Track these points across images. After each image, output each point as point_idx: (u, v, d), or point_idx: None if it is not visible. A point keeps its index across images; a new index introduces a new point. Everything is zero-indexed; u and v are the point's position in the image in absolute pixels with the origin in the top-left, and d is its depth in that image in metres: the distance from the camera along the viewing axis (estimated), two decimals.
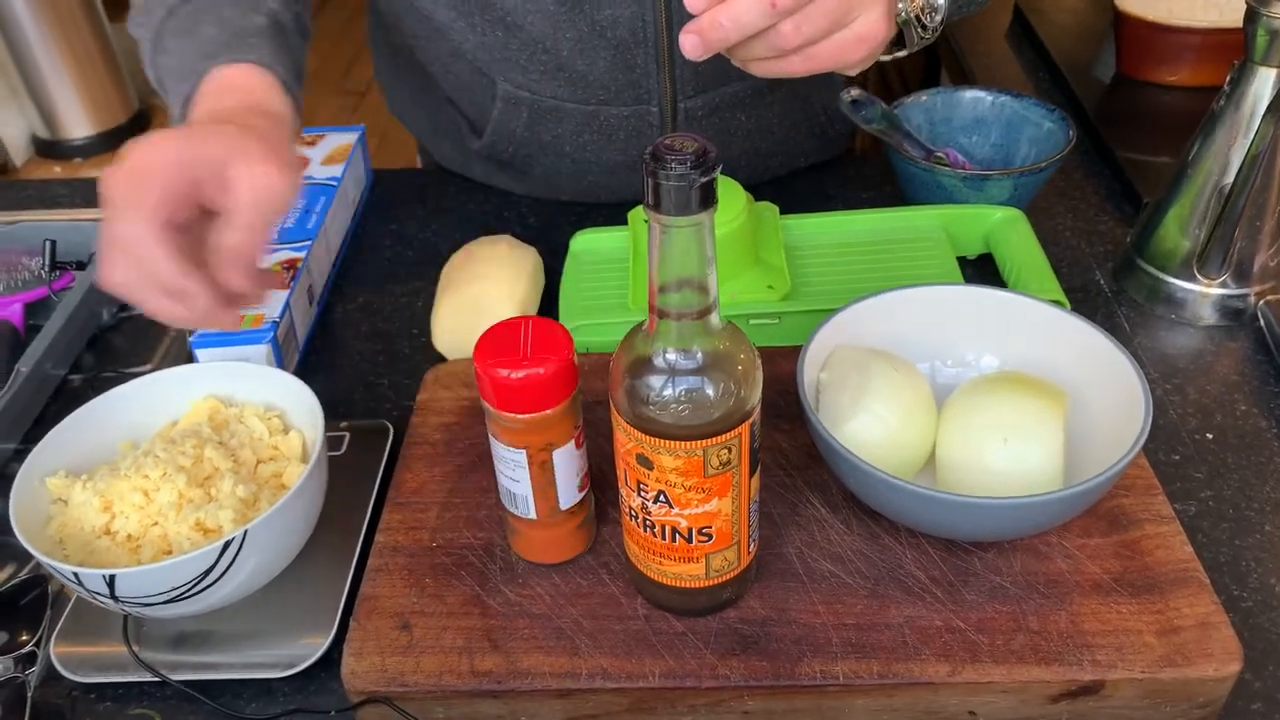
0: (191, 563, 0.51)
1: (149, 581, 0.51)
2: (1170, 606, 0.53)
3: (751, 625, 0.53)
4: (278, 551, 0.56)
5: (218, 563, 0.52)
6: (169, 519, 0.56)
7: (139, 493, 0.56)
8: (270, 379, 0.63)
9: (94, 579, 0.51)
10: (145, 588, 0.52)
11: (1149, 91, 1.07)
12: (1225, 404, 0.69)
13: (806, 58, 0.58)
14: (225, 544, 0.52)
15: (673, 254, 0.43)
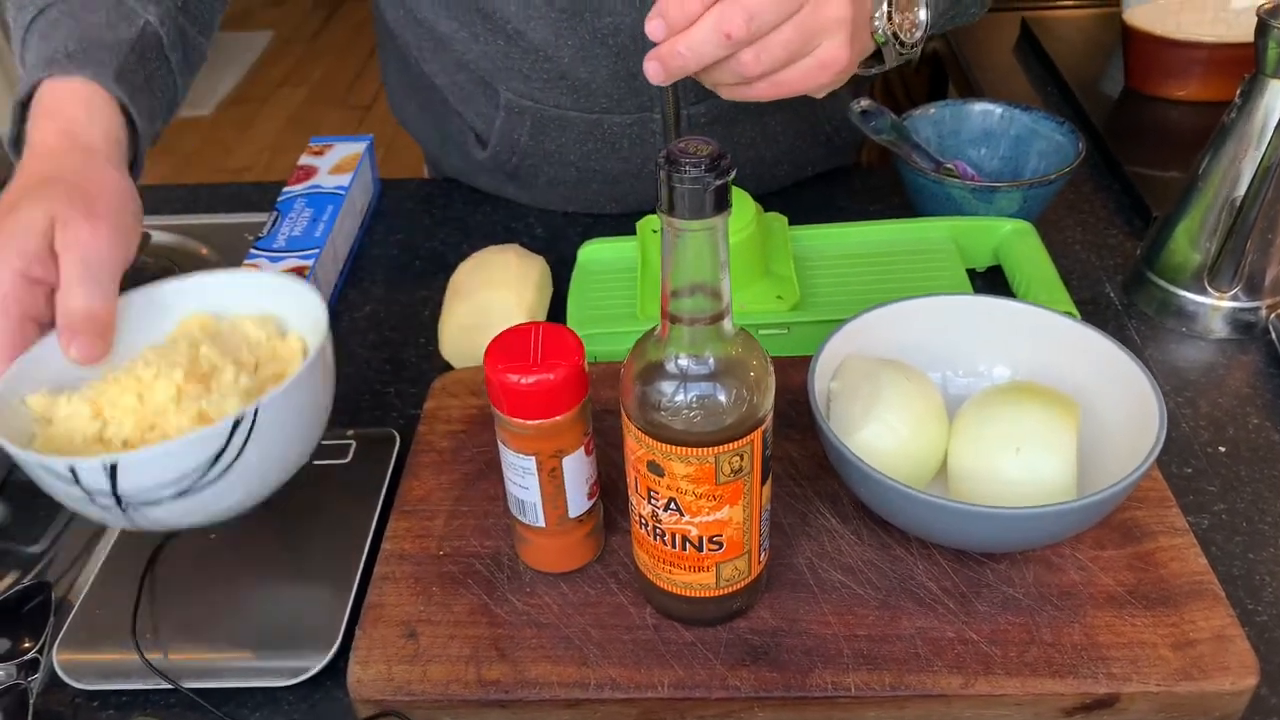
0: (201, 443, 0.47)
1: (155, 468, 0.47)
2: (1185, 619, 0.52)
3: (762, 635, 0.53)
4: (289, 441, 0.52)
5: (228, 444, 0.48)
6: (168, 415, 0.52)
7: (132, 395, 0.52)
8: (264, 285, 0.60)
9: (93, 471, 0.47)
10: (150, 476, 0.48)
11: (1157, 106, 1.07)
12: (1237, 417, 0.69)
13: (772, 84, 0.59)
14: (236, 421, 0.48)
15: (686, 258, 0.43)
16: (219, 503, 0.50)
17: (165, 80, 0.68)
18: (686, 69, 0.57)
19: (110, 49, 0.63)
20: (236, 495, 0.51)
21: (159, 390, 0.52)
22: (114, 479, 0.47)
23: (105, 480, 0.47)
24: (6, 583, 0.62)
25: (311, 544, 0.60)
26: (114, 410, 0.52)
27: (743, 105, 0.83)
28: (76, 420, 0.52)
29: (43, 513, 0.66)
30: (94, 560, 0.61)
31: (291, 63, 3.61)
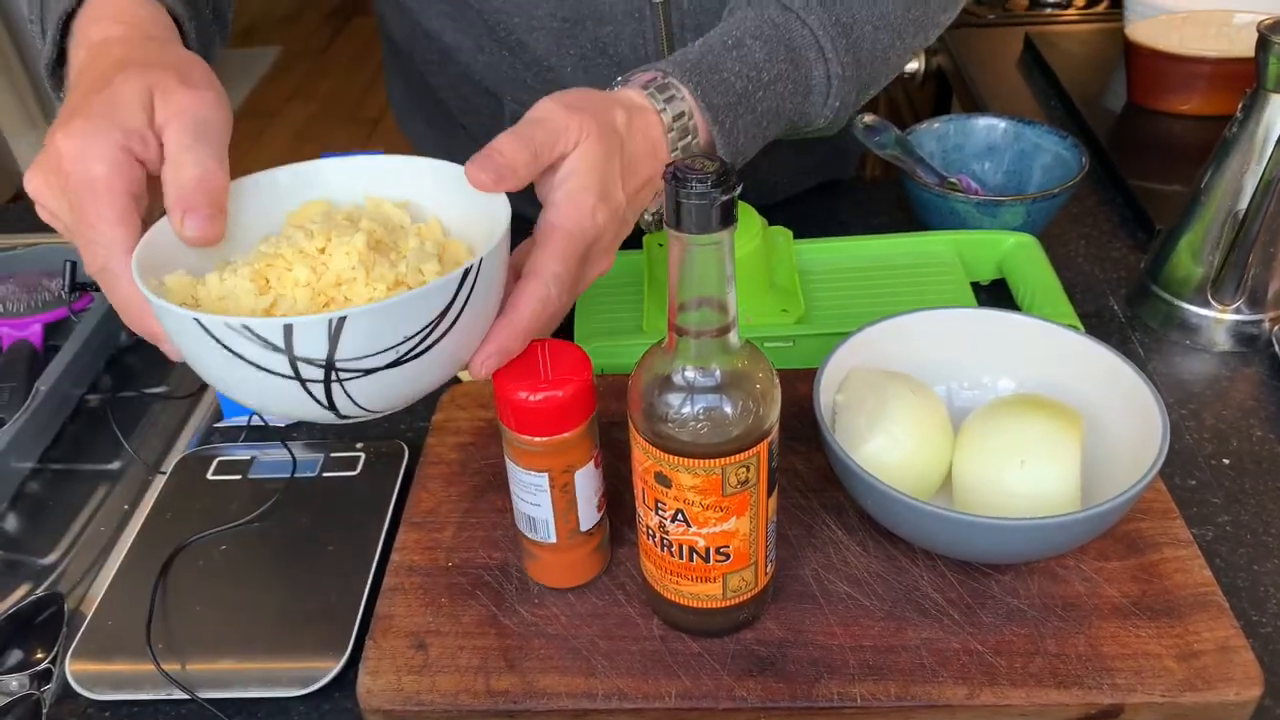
0: (436, 293, 0.43)
1: (384, 325, 0.42)
2: (1190, 630, 0.52)
3: (768, 646, 0.53)
4: (490, 308, 0.48)
5: (455, 297, 0.44)
6: (356, 287, 0.46)
7: (303, 267, 0.46)
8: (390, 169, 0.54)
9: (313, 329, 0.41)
10: (377, 335, 0.42)
11: (1160, 120, 1.07)
12: (1241, 429, 0.69)
13: None
14: (465, 271, 0.44)
15: (693, 272, 0.43)
16: (420, 378, 0.46)
17: (203, 11, 0.65)
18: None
19: None
20: (437, 370, 0.47)
21: (338, 259, 0.46)
22: (336, 339, 0.41)
23: (325, 342, 0.41)
24: (19, 594, 0.63)
25: (321, 555, 0.61)
26: (281, 284, 0.46)
27: None
28: (240, 296, 0.46)
29: (55, 524, 0.67)
30: (106, 571, 0.62)
31: (300, 78, 3.64)
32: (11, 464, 0.69)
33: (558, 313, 0.53)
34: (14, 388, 0.74)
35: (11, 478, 0.69)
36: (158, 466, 0.70)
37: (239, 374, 0.43)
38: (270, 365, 0.42)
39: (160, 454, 0.72)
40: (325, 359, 0.42)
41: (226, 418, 0.73)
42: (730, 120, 0.62)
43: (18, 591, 0.63)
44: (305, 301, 0.46)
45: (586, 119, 0.54)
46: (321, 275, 0.47)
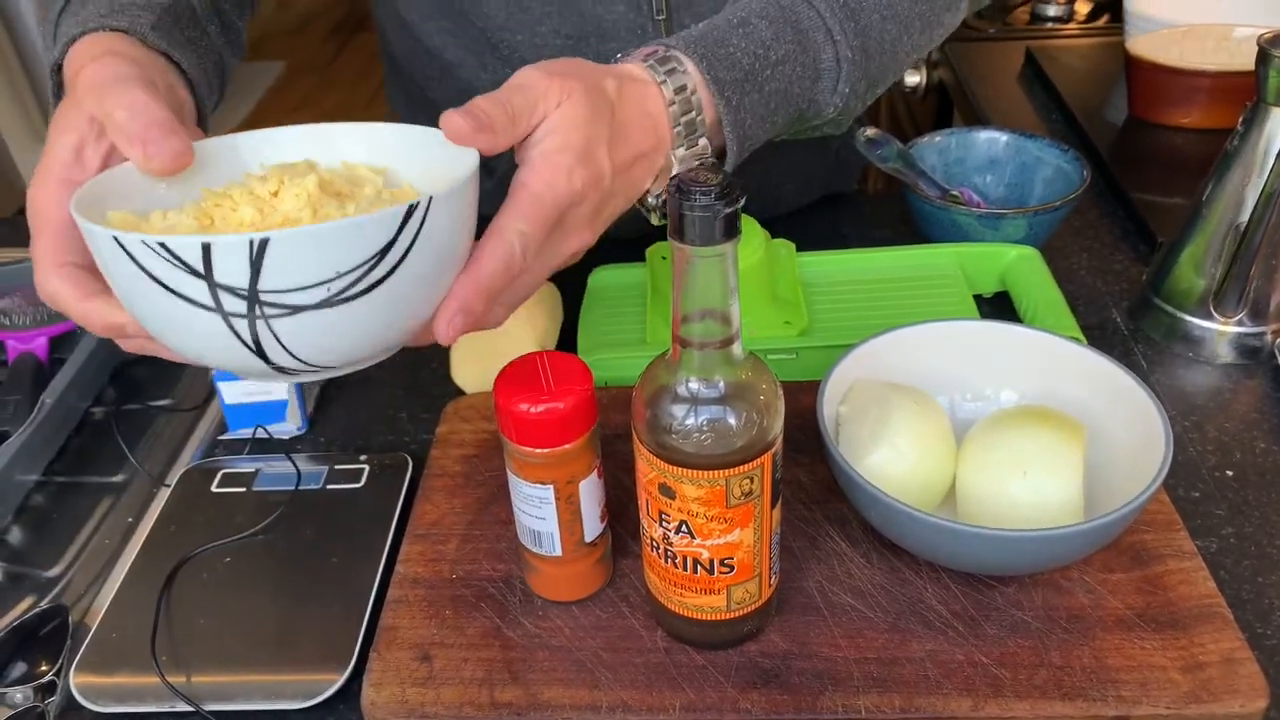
0: (373, 226, 0.40)
1: (313, 253, 0.39)
2: (1195, 642, 0.52)
3: (772, 659, 0.53)
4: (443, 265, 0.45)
5: (398, 237, 0.40)
6: (303, 225, 0.43)
7: (250, 208, 0.44)
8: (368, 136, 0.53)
9: (233, 251, 0.38)
10: (305, 264, 0.39)
11: (1161, 133, 1.08)
12: (1244, 441, 0.69)
13: None
14: (411, 207, 0.41)
15: (696, 284, 0.43)
16: (357, 329, 0.42)
17: (207, 47, 0.63)
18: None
19: (144, 8, 0.59)
20: (376, 322, 0.43)
21: (286, 201, 0.44)
22: (258, 264, 0.38)
23: (246, 266, 0.38)
24: (24, 606, 0.63)
25: (325, 567, 0.61)
26: (225, 225, 0.44)
27: None
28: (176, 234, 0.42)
29: (60, 536, 0.67)
30: (111, 584, 0.62)
31: (304, 92, 3.65)
32: (16, 477, 0.69)
33: (528, 280, 0.51)
34: (19, 401, 0.74)
35: (16, 490, 0.69)
36: (162, 479, 0.70)
37: (164, 308, 0.41)
38: (191, 293, 0.39)
39: (165, 466, 0.72)
40: (248, 288, 0.38)
41: (231, 430, 0.73)
42: (737, 98, 0.59)
43: (22, 604, 0.63)
44: None
45: (571, 82, 0.52)
46: (268, 216, 0.44)
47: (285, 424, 0.72)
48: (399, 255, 0.41)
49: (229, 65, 0.68)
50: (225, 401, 0.71)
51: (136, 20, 0.58)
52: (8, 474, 0.68)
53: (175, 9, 0.62)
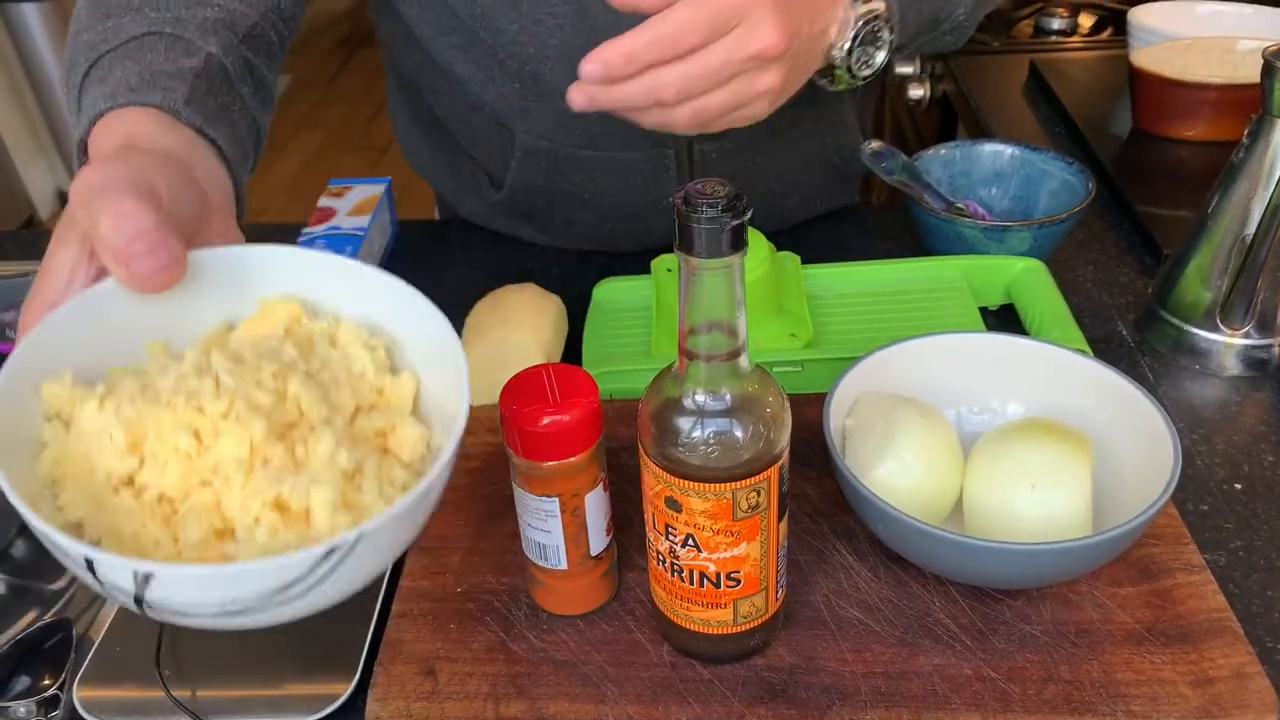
0: (274, 573, 0.35)
1: (201, 589, 0.35)
2: (1204, 657, 0.52)
3: (779, 673, 0.53)
4: (381, 562, 0.41)
5: (310, 574, 0.36)
6: (232, 484, 0.39)
7: (187, 433, 0.39)
8: (376, 285, 0.45)
9: (117, 571, 0.35)
10: (192, 595, 0.36)
11: (1166, 146, 1.08)
12: (1252, 455, 0.69)
13: (698, 125, 0.61)
14: (329, 550, 0.36)
15: (703, 296, 0.43)
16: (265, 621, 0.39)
17: (241, 112, 0.61)
18: (611, 110, 0.60)
19: (176, 78, 0.56)
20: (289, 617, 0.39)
21: (227, 442, 0.39)
22: (143, 587, 0.35)
23: (130, 584, 0.35)
24: (27, 620, 0.62)
25: None
26: (158, 448, 0.39)
27: (754, 141, 0.85)
28: (104, 446, 0.39)
29: None
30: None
31: (308, 106, 3.67)
32: None
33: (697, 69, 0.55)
34: None
35: None
36: None
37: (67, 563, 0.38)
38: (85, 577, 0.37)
39: None
40: (134, 597, 0.36)
41: None
42: None
43: (26, 617, 0.62)
44: (177, 477, 0.39)
45: None
46: (205, 452, 0.39)
47: None
48: (311, 584, 0.37)
49: (263, 126, 0.66)
50: None
51: (169, 95, 0.55)
52: None
53: (208, 74, 0.59)
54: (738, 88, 0.58)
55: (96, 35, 0.60)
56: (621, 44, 0.55)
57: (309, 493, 0.39)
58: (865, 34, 0.64)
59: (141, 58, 0.58)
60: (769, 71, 0.59)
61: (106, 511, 0.39)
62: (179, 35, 0.60)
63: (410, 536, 0.42)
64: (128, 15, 0.61)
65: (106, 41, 0.59)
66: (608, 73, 0.56)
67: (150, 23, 0.60)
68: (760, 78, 0.59)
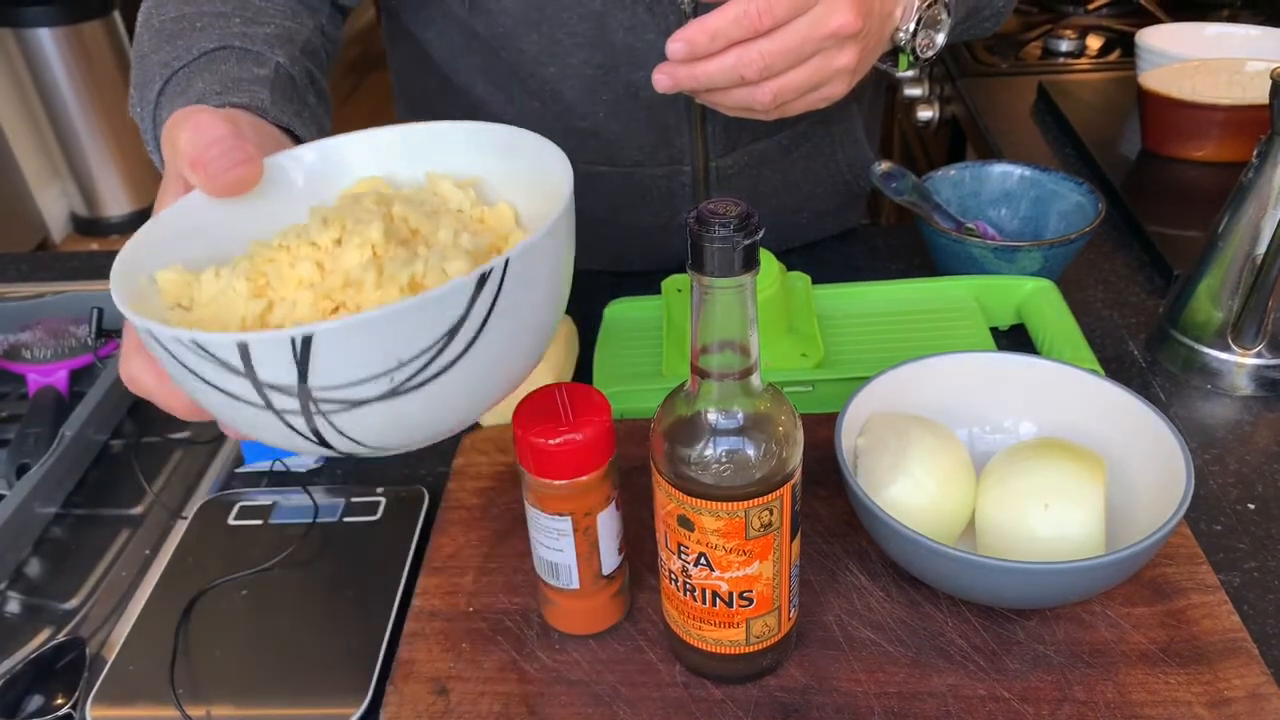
0: (438, 306, 0.34)
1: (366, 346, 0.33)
2: (1220, 677, 0.52)
3: (792, 693, 0.53)
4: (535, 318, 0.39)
5: (471, 310, 0.34)
6: (364, 290, 0.38)
7: (308, 263, 0.39)
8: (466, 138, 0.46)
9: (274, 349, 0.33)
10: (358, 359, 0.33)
11: (1175, 167, 1.08)
12: (1266, 474, 0.68)
13: (778, 110, 0.63)
14: (484, 275, 0.34)
15: (715, 315, 0.44)
16: (431, 413, 0.37)
17: (309, 118, 0.62)
18: (694, 90, 0.62)
19: (256, 83, 0.59)
20: (458, 401, 0.37)
21: (348, 255, 0.38)
22: (304, 362, 0.33)
23: (291, 364, 0.33)
24: (41, 639, 0.63)
25: (342, 600, 0.61)
26: (282, 285, 0.39)
27: (768, 155, 0.86)
28: (231, 299, 0.39)
29: (77, 568, 0.67)
30: (128, 616, 0.62)
31: None
32: (36, 509, 0.70)
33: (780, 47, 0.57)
34: (39, 433, 0.75)
35: (36, 523, 0.70)
36: (180, 511, 0.70)
37: (215, 402, 0.36)
38: (237, 391, 0.35)
39: (182, 499, 0.72)
40: (296, 387, 0.34)
41: (248, 463, 0.73)
42: None
43: (39, 636, 0.63)
44: (307, 306, 0.38)
45: None
46: (328, 274, 0.39)
47: (302, 457, 0.73)
48: (473, 332, 0.35)
49: (327, 131, 0.66)
50: None
51: (255, 96, 0.57)
52: (28, 506, 0.68)
53: (280, 82, 0.61)
54: (817, 64, 0.60)
55: (168, 55, 0.62)
56: (706, 22, 0.58)
57: (443, 269, 0.38)
58: (927, 16, 0.67)
59: (217, 69, 0.60)
60: (846, 49, 0.61)
61: None
62: (248, 49, 0.62)
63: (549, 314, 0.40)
64: (194, 35, 0.63)
65: (179, 59, 0.61)
66: (692, 50, 0.59)
67: (220, 39, 0.62)
68: (838, 55, 0.61)
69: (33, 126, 2.99)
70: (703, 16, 0.58)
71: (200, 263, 0.43)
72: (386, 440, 0.38)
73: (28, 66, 2.90)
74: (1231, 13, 1.55)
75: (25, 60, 2.89)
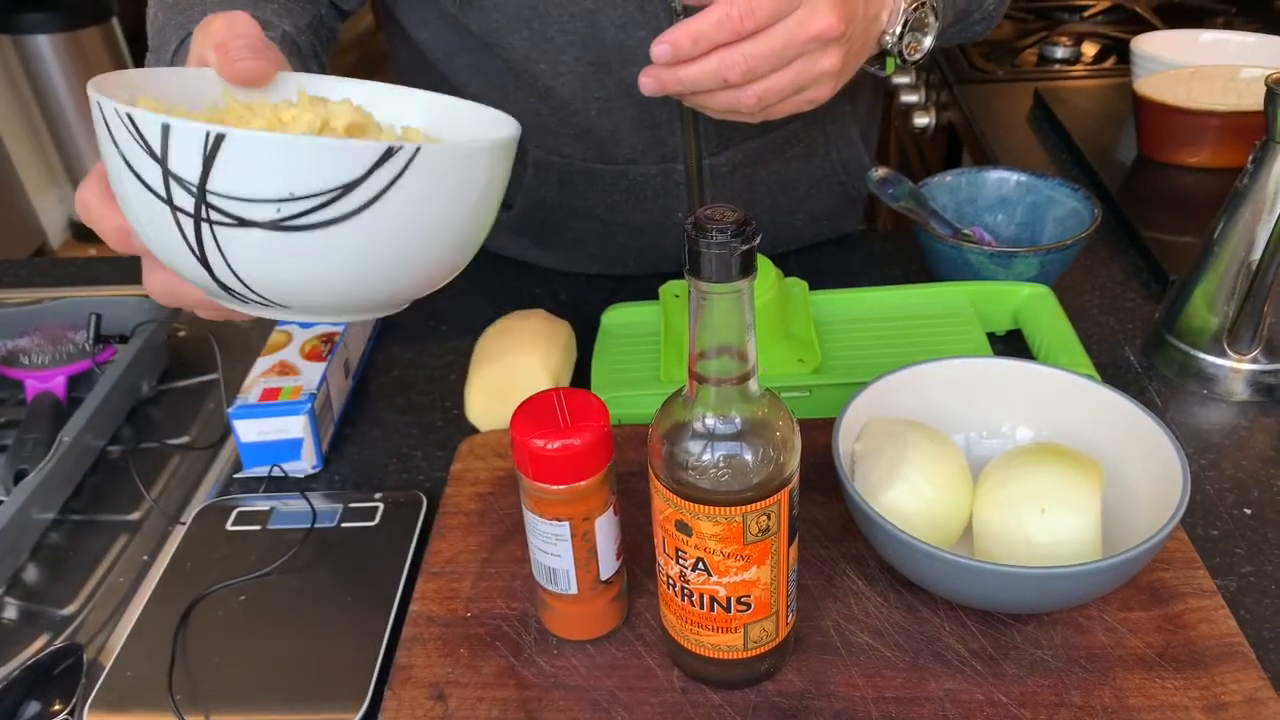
0: (333, 154, 0.37)
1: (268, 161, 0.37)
2: (1217, 682, 0.52)
3: (790, 698, 0.53)
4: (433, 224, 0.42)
5: (367, 176, 0.37)
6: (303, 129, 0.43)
7: (263, 120, 0.44)
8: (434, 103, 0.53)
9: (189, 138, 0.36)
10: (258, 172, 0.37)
11: (1170, 173, 1.08)
12: (1262, 480, 0.69)
13: (762, 113, 0.65)
14: (387, 151, 0.38)
15: (713, 320, 0.44)
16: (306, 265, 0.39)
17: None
18: (679, 94, 0.64)
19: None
20: (331, 265, 0.40)
21: (301, 123, 0.43)
22: (211, 159, 0.36)
23: (199, 158, 0.36)
24: (38, 645, 0.62)
25: (340, 605, 0.61)
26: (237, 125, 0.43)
27: (762, 154, 0.86)
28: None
29: (75, 574, 0.67)
30: (125, 622, 0.62)
31: None
32: (34, 515, 0.70)
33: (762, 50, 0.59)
34: (37, 439, 0.75)
35: (33, 529, 0.70)
36: (177, 517, 0.70)
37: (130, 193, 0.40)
38: (148, 178, 0.38)
39: (180, 505, 0.72)
40: (197, 184, 0.37)
41: (246, 469, 0.73)
42: None
43: (37, 642, 0.63)
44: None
45: None
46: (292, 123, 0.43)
47: (300, 462, 0.73)
48: (366, 198, 0.38)
49: None
50: (240, 440, 0.71)
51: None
52: (25, 512, 0.68)
53: (286, 47, 0.66)
54: (800, 68, 0.62)
55: (185, 19, 0.66)
56: (689, 25, 0.59)
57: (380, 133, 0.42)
58: (914, 19, 0.68)
59: None
60: (829, 52, 0.62)
61: None
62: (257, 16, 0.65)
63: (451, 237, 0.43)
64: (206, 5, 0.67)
65: (193, 21, 0.64)
66: (676, 54, 0.60)
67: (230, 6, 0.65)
68: (821, 59, 0.62)
69: (31, 133, 3.00)
70: (686, 20, 0.59)
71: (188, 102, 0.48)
72: (261, 282, 0.40)
73: (26, 73, 2.90)
74: (1226, 20, 1.56)
75: (24, 67, 2.89)
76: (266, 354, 0.76)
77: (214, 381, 0.85)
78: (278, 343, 0.77)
